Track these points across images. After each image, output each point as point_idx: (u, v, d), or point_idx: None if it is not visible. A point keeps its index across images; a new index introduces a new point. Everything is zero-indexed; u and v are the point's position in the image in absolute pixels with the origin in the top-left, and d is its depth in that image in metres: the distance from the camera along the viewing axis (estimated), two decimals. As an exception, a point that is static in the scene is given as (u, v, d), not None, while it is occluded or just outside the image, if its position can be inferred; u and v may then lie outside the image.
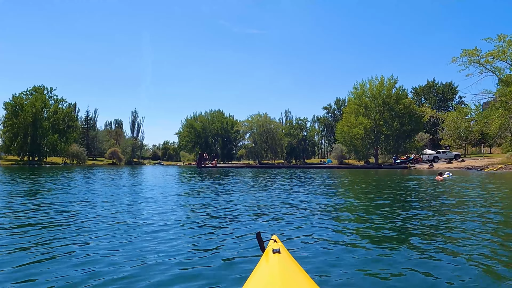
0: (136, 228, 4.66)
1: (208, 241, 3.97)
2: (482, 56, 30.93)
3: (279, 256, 1.76)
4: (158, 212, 6.18)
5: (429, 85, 70.07)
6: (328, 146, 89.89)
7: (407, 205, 7.14)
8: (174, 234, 4.34)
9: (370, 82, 50.02)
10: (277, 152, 77.87)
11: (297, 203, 7.45)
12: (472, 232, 4.30)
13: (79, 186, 12.43)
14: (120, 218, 5.52)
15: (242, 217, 5.72)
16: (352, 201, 8.08)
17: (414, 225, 4.89)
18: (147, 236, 4.19)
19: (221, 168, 44.76)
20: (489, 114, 31.22)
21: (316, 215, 5.84)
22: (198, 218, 5.57)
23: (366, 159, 54.41)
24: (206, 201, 8.00)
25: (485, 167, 30.70)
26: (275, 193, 9.73)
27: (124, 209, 6.63)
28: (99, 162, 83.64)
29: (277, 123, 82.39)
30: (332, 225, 4.90)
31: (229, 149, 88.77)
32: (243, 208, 6.77)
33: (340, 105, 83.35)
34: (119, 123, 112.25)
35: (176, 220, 5.33)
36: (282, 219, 5.46)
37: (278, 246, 1.93)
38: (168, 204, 7.46)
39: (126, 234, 4.31)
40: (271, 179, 17.61)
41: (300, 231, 4.48)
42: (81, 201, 7.68)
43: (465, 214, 5.84)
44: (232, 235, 4.25)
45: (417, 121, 48.86)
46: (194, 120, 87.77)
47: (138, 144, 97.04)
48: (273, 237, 2.18)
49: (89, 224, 4.93)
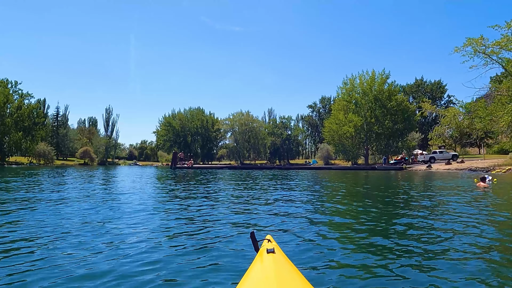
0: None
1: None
2: (488, 45, 27.93)
3: (273, 256, 1.73)
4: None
5: (417, 83, 68.20)
6: (313, 146, 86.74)
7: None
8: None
9: (361, 76, 46.47)
10: (259, 152, 74.19)
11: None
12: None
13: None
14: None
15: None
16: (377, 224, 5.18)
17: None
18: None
19: (198, 169, 40.33)
20: (495, 110, 28.30)
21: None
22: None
23: (355, 160, 50.97)
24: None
25: (492, 168, 27.67)
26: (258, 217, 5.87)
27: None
28: (69, 162, 79.09)
29: (260, 121, 78.60)
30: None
31: (210, 148, 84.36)
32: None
33: (326, 103, 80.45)
34: (93, 121, 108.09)
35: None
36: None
37: (272, 246, 1.90)
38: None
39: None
40: (250, 185, 13.46)
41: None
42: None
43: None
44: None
45: (410, 119, 45.78)
46: (173, 118, 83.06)
47: (112, 143, 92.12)
48: (267, 236, 2.14)
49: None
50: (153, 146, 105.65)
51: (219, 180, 16.93)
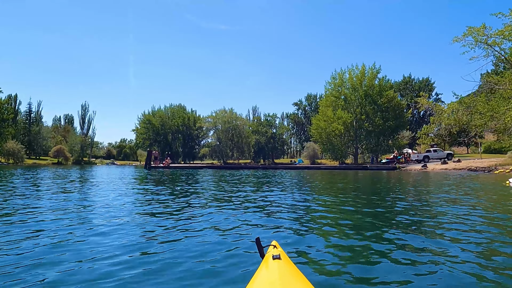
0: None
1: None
2: (491, 35, 25.78)
3: (279, 262, 1.69)
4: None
5: (405, 80, 66.73)
6: (298, 145, 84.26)
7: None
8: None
9: (350, 71, 43.95)
10: (243, 151, 71.11)
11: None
12: None
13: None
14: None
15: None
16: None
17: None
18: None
19: (176, 168, 36.97)
20: (497, 106, 26.16)
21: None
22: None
23: (343, 159, 48.46)
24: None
25: (494, 168, 25.53)
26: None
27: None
28: (42, 162, 75.35)
29: (244, 119, 75.41)
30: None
31: (191, 147, 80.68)
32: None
33: (312, 101, 78.06)
34: (69, 119, 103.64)
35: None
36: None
37: (278, 252, 1.85)
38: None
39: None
40: (229, 193, 10.44)
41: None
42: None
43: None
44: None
45: (401, 117, 43.59)
46: (153, 116, 79.10)
47: (88, 142, 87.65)
48: (272, 242, 2.09)
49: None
50: (133, 145, 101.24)
51: (197, 183, 13.82)
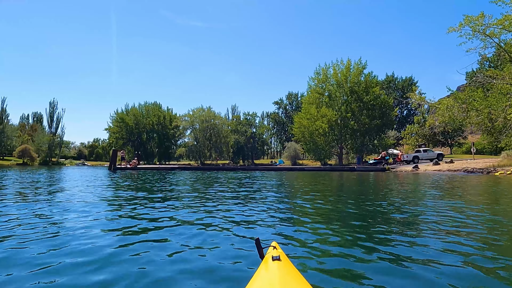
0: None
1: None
2: (490, 24, 23.73)
3: (279, 263, 1.66)
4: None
5: (388, 79, 65.33)
6: (279, 145, 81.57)
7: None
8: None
9: (335, 66, 41.43)
10: (222, 151, 67.67)
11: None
12: None
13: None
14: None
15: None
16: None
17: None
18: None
19: (144, 170, 33.26)
20: (496, 102, 24.11)
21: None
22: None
23: (326, 160, 45.88)
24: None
25: (493, 170, 23.41)
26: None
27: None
28: (5, 162, 69.53)
29: (223, 118, 71.93)
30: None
31: (167, 147, 76.42)
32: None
33: (293, 100, 75.57)
34: (38, 117, 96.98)
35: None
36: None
37: (278, 253, 1.82)
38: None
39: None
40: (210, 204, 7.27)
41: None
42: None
43: None
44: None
45: (388, 115, 41.43)
46: (126, 114, 74.51)
47: (57, 141, 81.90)
48: (272, 243, 2.05)
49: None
50: (105, 144, 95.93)
51: (174, 187, 10.51)
